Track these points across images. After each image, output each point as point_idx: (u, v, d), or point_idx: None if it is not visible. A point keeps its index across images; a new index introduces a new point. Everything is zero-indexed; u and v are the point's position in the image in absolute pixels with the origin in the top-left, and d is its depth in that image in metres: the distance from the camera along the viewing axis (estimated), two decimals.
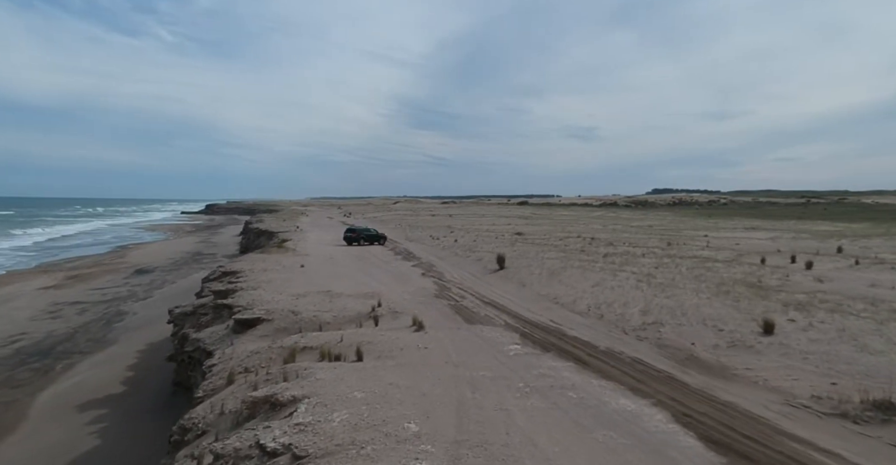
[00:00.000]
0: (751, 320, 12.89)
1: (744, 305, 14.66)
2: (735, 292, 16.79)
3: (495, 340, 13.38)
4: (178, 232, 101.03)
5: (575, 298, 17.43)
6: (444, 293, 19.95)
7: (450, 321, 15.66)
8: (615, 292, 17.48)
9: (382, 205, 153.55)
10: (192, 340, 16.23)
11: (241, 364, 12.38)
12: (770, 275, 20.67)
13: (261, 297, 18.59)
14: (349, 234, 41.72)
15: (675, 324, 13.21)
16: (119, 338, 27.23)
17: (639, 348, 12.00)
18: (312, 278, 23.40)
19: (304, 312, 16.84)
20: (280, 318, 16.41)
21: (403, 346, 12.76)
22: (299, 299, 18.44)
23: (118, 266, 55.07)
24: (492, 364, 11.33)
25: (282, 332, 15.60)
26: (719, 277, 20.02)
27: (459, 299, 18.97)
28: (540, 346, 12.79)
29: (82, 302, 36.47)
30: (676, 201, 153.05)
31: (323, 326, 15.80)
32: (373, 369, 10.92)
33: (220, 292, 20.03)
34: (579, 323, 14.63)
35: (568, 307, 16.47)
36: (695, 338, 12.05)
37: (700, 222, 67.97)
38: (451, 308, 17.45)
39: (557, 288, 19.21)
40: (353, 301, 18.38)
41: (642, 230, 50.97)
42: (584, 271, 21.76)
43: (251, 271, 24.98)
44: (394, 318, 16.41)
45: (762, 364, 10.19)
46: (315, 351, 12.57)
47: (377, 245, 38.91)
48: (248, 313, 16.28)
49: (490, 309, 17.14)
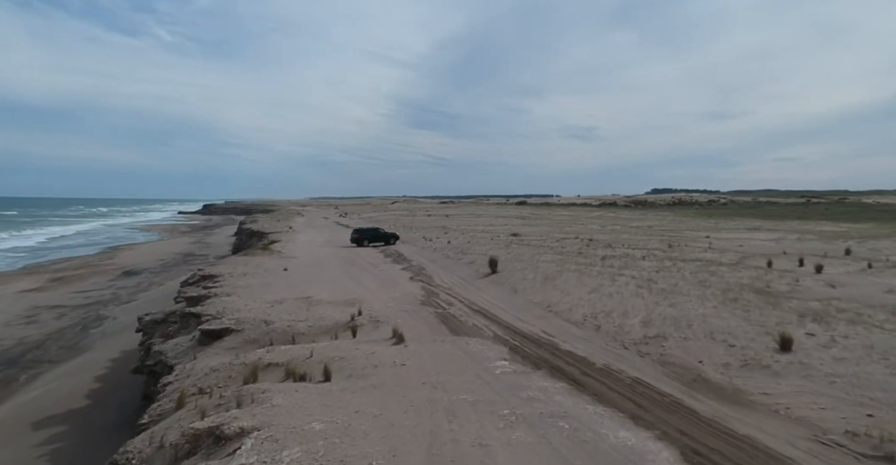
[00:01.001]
0: (764, 333, 11.61)
1: (754, 315, 13.39)
2: (743, 299, 15.53)
3: (481, 355, 12.11)
4: (172, 232, 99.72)
5: (570, 306, 16.16)
6: (431, 300, 18.68)
7: (434, 332, 14.39)
8: (614, 300, 16.21)
9: (380, 205, 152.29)
10: (154, 352, 14.97)
11: (196, 384, 11.09)
12: (779, 280, 19.42)
13: (233, 304, 17.31)
14: (355, 235, 39.93)
15: (679, 338, 11.92)
16: (93, 345, 25.93)
17: (640, 367, 10.72)
18: (294, 282, 22.11)
19: (277, 321, 15.56)
20: (250, 328, 15.13)
21: (379, 362, 11.48)
22: (274, 307, 17.17)
23: (106, 268, 53.76)
24: (475, 385, 10.07)
25: (251, 344, 14.33)
26: (725, 282, 18.77)
27: (447, 306, 17.70)
28: (530, 362, 11.53)
29: (62, 306, 35.17)
30: (676, 201, 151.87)
31: (296, 337, 14.53)
32: (339, 392, 9.64)
33: (192, 299, 18.75)
34: (574, 335, 13.36)
35: (562, 316, 15.20)
36: (703, 355, 10.77)
37: (701, 223, 66.75)
38: (437, 317, 16.18)
39: (552, 294, 17.95)
40: (332, 309, 17.10)
41: (642, 231, 49.73)
42: (580, 276, 20.50)
43: (230, 276, 23.70)
44: (374, 328, 15.14)
45: (782, 388, 8.92)
46: (280, 368, 11.30)
47: (368, 248, 37.61)
48: (216, 323, 15.00)
49: (478, 318, 15.87)
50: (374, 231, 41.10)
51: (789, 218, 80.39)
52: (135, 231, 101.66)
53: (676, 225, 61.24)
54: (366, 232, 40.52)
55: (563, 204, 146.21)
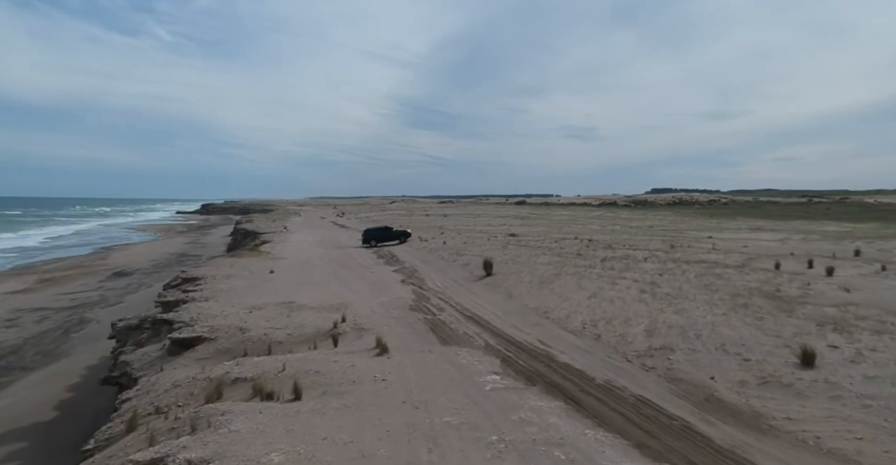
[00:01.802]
0: (782, 345, 10.55)
1: (769, 323, 12.32)
2: (754, 305, 14.47)
3: (471, 368, 11.06)
4: (168, 232, 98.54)
5: (568, 312, 15.10)
6: (421, 305, 17.63)
7: (421, 341, 13.33)
8: (615, 306, 15.15)
9: (379, 205, 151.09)
10: (121, 363, 13.92)
11: (154, 402, 10.04)
12: (789, 283, 18.36)
13: (210, 310, 16.25)
14: (364, 235, 38.67)
15: (688, 349, 10.86)
16: (72, 350, 24.85)
17: (645, 383, 9.67)
18: (279, 285, 21.05)
19: (254, 329, 14.51)
20: (224, 337, 14.08)
21: (357, 377, 10.43)
22: (253, 313, 16.11)
23: (97, 268, 52.66)
24: (461, 404, 9.02)
25: (223, 354, 13.28)
26: (732, 286, 17.71)
27: (438, 311, 16.65)
28: (524, 377, 10.48)
29: (46, 308, 34.07)
30: (676, 201, 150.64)
31: (273, 346, 13.48)
32: (309, 414, 8.59)
33: (168, 304, 17.71)
34: (572, 345, 12.30)
35: (560, 324, 14.14)
36: (714, 370, 9.71)
37: (702, 222, 65.67)
38: (427, 324, 15.13)
39: (549, 299, 16.89)
40: (314, 315, 16.05)
41: (643, 231, 48.65)
42: (579, 279, 19.44)
43: (213, 278, 22.64)
44: (357, 336, 14.08)
45: (808, 412, 7.87)
46: (248, 384, 10.25)
47: (362, 248, 36.54)
48: (188, 331, 13.95)
49: (470, 325, 14.82)
50: (384, 231, 39.24)
51: (792, 218, 79.32)
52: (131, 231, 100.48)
53: (678, 225, 60.15)
54: (373, 232, 38.91)
55: (563, 204, 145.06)
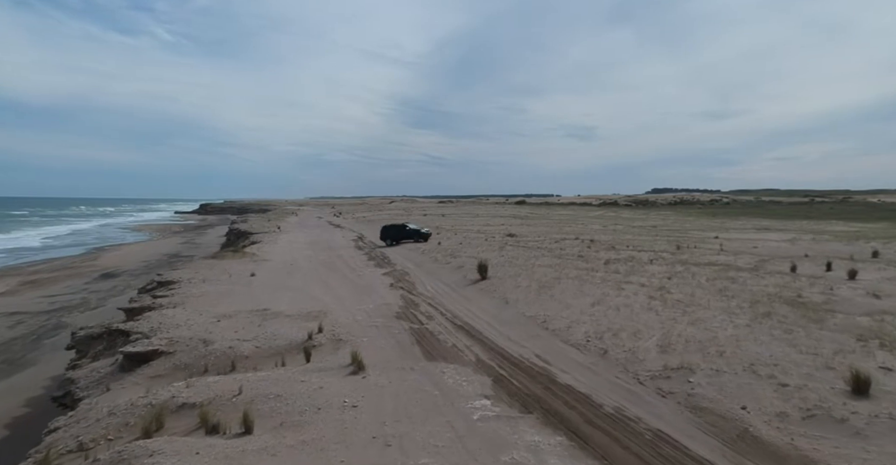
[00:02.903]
0: (824, 366, 9.01)
1: (801, 337, 10.78)
2: (777, 314, 12.95)
3: (458, 390, 9.54)
4: (164, 232, 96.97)
5: (570, 321, 13.57)
6: (408, 312, 16.11)
7: (404, 356, 11.80)
8: (622, 315, 13.62)
9: (377, 205, 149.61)
10: (66, 380, 12.40)
11: (79, 435, 8.50)
12: (809, 288, 16.85)
13: (174, 319, 14.73)
14: (382, 233, 37.17)
15: (710, 370, 9.33)
16: (40, 359, 23.27)
17: (662, 412, 8.15)
18: (257, 290, 19.53)
19: (218, 341, 12.98)
20: (184, 350, 12.55)
21: (324, 403, 8.91)
22: (221, 322, 14.58)
23: (85, 270, 51.09)
24: (443, 439, 7.50)
25: (181, 370, 11.76)
26: (749, 291, 16.20)
27: (426, 320, 15.13)
28: (518, 402, 8.96)
29: (22, 312, 32.45)
30: (678, 200, 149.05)
31: (238, 362, 11.96)
32: (256, 454, 7.07)
33: (132, 311, 16.20)
34: (575, 362, 10.77)
35: (560, 336, 12.61)
36: (745, 397, 8.17)
37: (706, 222, 64.15)
38: (413, 335, 13.61)
39: (548, 306, 15.36)
40: (289, 324, 14.52)
41: (646, 231, 47.11)
42: (581, 284, 17.92)
43: (189, 282, 21.12)
44: (334, 349, 12.56)
45: (877, 460, 6.34)
46: (195, 412, 8.71)
47: (353, 249, 35.01)
48: (143, 344, 12.42)
49: (460, 336, 13.29)
50: (399, 229, 37.08)
51: (796, 217, 77.81)
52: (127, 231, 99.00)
53: (681, 225, 58.63)
54: (389, 230, 36.97)
55: (563, 203, 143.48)
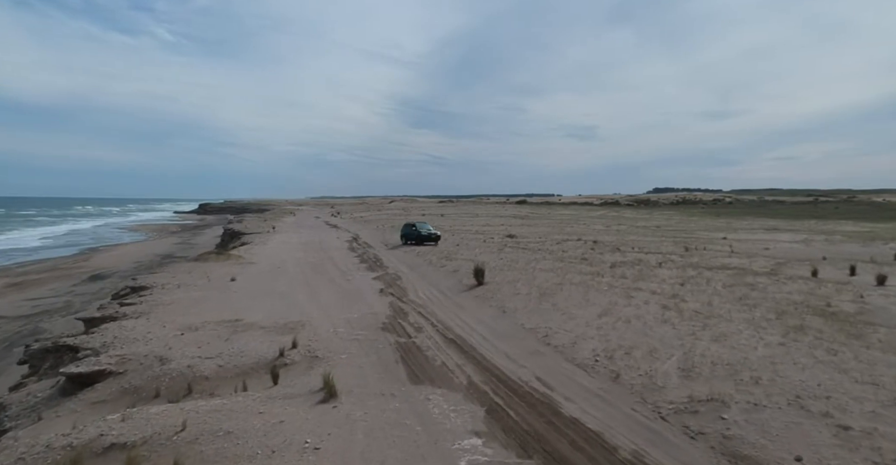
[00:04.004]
0: (892, 401, 7.46)
1: (847, 359, 9.22)
2: (811, 328, 11.41)
3: (444, 425, 8.02)
4: (161, 232, 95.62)
5: (575, 335, 12.03)
6: (396, 323, 14.58)
7: (385, 378, 10.27)
8: (633, 328, 12.08)
9: (377, 204, 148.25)
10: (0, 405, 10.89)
11: None
12: (837, 295, 15.32)
13: (133, 332, 13.20)
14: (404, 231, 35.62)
15: (747, 403, 7.76)
16: (7, 369, 21.86)
17: (694, 461, 6.60)
18: (234, 297, 18.01)
19: (177, 358, 11.46)
20: (136, 370, 11.03)
21: (281, 444, 7.39)
22: (185, 336, 13.06)
23: (75, 271, 49.68)
24: None
25: (129, 394, 10.24)
26: (772, 299, 14.67)
27: (414, 332, 13.60)
28: (516, 441, 7.43)
29: (1, 317, 31.09)
30: (680, 200, 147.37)
31: (195, 384, 10.44)
32: None
33: (92, 321, 14.69)
34: (583, 388, 9.23)
35: (564, 353, 11.07)
36: (797, 442, 6.62)
37: (711, 222, 62.55)
38: (398, 350, 12.08)
39: (551, 317, 13.82)
40: (261, 338, 13.00)
41: (650, 232, 45.54)
42: (586, 290, 16.38)
43: (162, 288, 19.62)
44: (306, 369, 11.04)
45: None
46: (123, 455, 7.21)
47: (346, 251, 33.48)
48: (88, 363, 10.89)
49: (451, 352, 11.76)
50: (418, 229, 34.83)
51: (803, 217, 76.21)
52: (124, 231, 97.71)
53: (686, 225, 57.05)
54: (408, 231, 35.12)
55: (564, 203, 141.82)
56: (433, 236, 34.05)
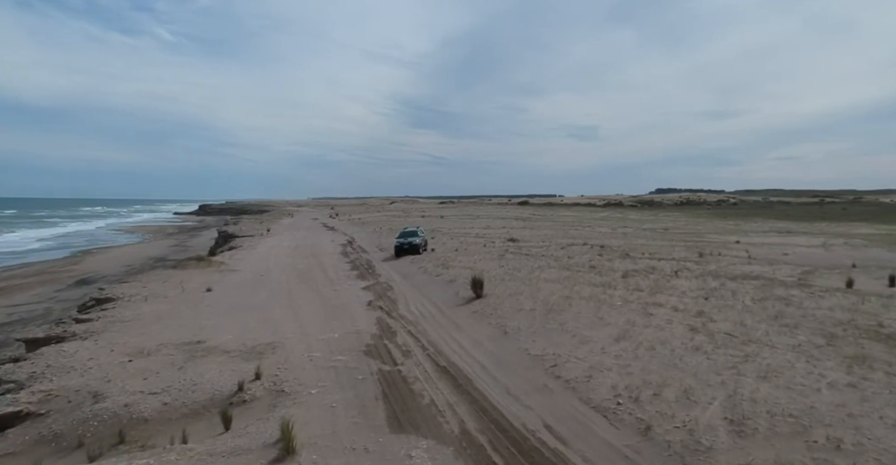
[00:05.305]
0: None
1: None
2: (875, 358, 9.51)
3: None
4: (157, 234, 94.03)
5: (589, 366, 10.12)
6: (381, 344, 12.71)
7: (361, 424, 8.39)
8: (659, 357, 10.18)
9: (378, 205, 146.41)
10: None
11: None
12: (886, 312, 13.39)
13: (72, 358, 11.34)
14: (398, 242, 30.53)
15: None
16: None
17: None
18: (204, 312, 16.15)
19: (115, 394, 9.59)
20: (62, 410, 9.17)
21: None
22: (134, 362, 11.20)
23: (62, 275, 47.93)
24: None
25: (45, 444, 8.38)
26: (812, 317, 12.76)
27: (402, 357, 11.72)
28: None
29: None
30: (684, 201, 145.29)
31: (128, 430, 8.56)
32: None
33: (34, 343, 12.86)
34: (604, 444, 7.33)
35: (578, 390, 9.16)
36: None
37: (719, 224, 60.57)
38: (380, 383, 10.20)
39: (559, 340, 11.92)
40: (221, 366, 11.12)
41: (658, 235, 43.60)
42: (598, 306, 14.48)
43: (128, 300, 17.79)
44: (268, 408, 9.17)
45: None
46: None
47: (338, 256, 31.60)
48: (2, 401, 9.05)
49: (443, 386, 9.87)
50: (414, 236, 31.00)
51: (812, 219, 74.21)
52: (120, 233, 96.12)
53: (694, 227, 55.09)
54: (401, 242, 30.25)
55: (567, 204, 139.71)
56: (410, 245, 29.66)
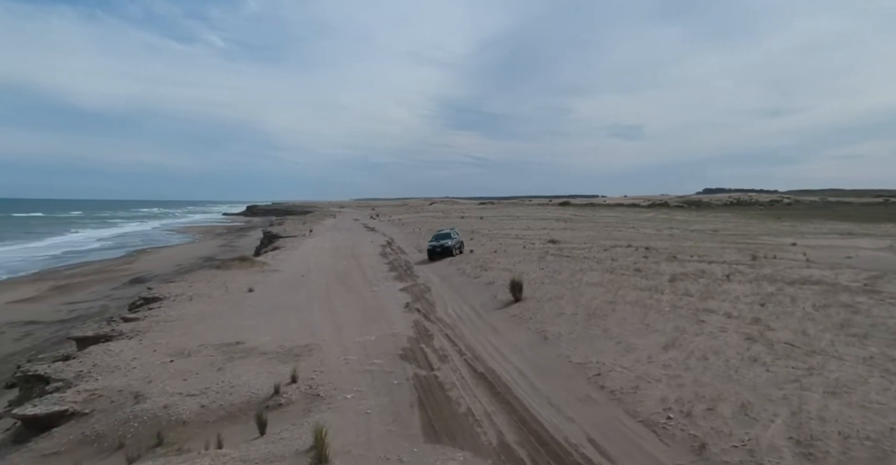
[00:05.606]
0: None
1: None
2: None
3: None
4: (207, 234, 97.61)
5: (636, 376, 9.55)
6: (418, 348, 12.47)
7: (395, 432, 8.15)
8: (712, 368, 9.50)
9: (417, 206, 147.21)
10: None
11: None
12: None
13: (116, 358, 11.60)
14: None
15: None
16: None
17: None
18: (245, 312, 16.35)
19: (155, 395, 9.70)
20: (105, 410, 9.32)
21: None
22: (174, 364, 11.35)
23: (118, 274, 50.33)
24: None
25: (88, 444, 8.51)
26: (884, 327, 11.70)
27: (438, 362, 11.44)
28: None
29: (38, 322, 30.88)
30: (734, 201, 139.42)
31: (167, 431, 8.61)
32: None
33: (84, 341, 13.26)
34: (655, 463, 6.81)
35: (624, 403, 8.63)
36: None
37: (773, 226, 57.62)
38: (416, 388, 9.95)
39: (602, 347, 11.36)
40: (258, 368, 11.13)
41: (707, 236, 41.78)
42: (644, 311, 13.78)
43: (174, 299, 18.24)
44: (303, 412, 9.05)
45: None
46: None
47: (377, 257, 31.69)
48: (49, 401, 9.26)
49: (480, 394, 9.52)
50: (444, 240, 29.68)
51: (876, 220, 69.59)
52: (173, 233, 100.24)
53: (745, 228, 52.59)
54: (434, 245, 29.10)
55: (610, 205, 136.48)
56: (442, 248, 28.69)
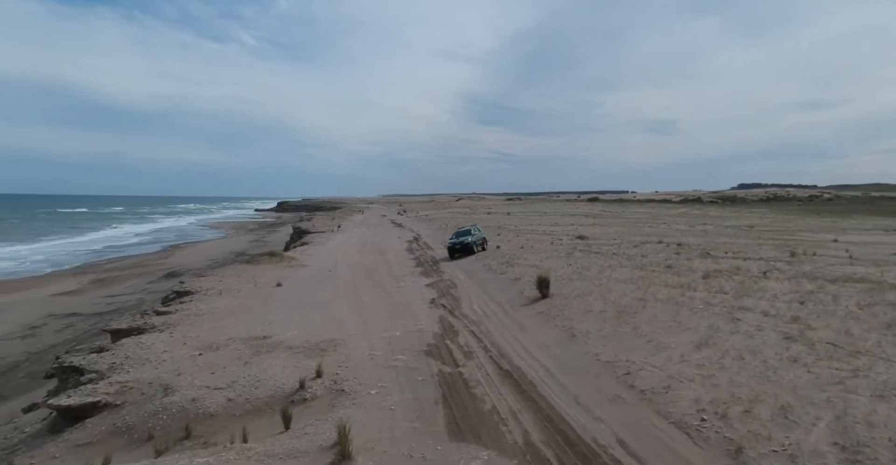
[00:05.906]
0: None
1: None
2: None
3: None
4: (239, 230, 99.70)
5: (667, 375, 9.23)
6: (443, 344, 12.37)
7: (419, 429, 8.06)
8: (749, 368, 9.11)
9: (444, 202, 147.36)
10: None
11: None
12: None
13: (147, 351, 11.84)
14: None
15: None
16: None
17: None
18: (272, 307, 16.54)
19: (184, 388, 9.85)
20: (137, 401, 9.51)
21: None
22: (203, 357, 11.52)
23: (154, 268, 51.89)
24: None
25: (119, 436, 8.69)
26: None
27: (463, 358, 11.32)
28: None
29: (78, 314, 32.05)
30: (770, 196, 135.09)
31: (194, 425, 8.72)
32: None
33: (118, 333, 13.60)
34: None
35: (655, 403, 8.34)
36: None
37: (813, 222, 55.55)
38: (440, 385, 9.84)
39: (632, 345, 11.04)
40: (284, 362, 11.20)
41: (743, 232, 40.50)
42: (676, 309, 13.36)
43: (204, 294, 18.58)
44: (328, 407, 9.05)
45: None
46: None
47: (404, 253, 31.74)
48: (82, 392, 9.49)
49: (506, 392, 9.36)
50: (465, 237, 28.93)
51: None
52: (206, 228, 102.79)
53: (783, 224, 50.83)
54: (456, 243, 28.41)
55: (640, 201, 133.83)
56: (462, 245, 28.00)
